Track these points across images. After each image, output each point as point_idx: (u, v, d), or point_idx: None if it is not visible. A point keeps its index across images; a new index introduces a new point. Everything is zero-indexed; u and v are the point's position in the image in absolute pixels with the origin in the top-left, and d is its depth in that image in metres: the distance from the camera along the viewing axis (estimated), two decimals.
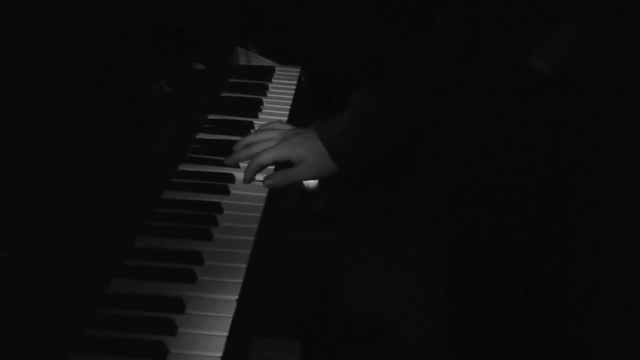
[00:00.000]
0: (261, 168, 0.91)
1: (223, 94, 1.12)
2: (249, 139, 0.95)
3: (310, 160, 0.90)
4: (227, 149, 0.95)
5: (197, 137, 0.99)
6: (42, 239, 0.61)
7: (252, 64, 1.25)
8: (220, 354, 0.62)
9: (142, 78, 0.91)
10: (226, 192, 0.87)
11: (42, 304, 0.59)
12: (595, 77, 0.78)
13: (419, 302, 1.00)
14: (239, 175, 0.91)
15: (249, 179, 0.89)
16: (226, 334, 0.64)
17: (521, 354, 0.96)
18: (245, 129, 1.01)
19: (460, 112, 0.89)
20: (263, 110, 1.09)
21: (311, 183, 1.34)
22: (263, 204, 0.85)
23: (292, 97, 1.15)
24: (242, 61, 1.26)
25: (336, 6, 1.20)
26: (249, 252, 0.76)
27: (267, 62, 1.26)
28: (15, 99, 0.65)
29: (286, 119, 1.06)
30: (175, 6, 1.10)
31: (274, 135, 0.95)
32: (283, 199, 1.31)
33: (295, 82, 1.20)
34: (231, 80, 1.17)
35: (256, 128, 1.02)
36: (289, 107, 1.11)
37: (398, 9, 1.15)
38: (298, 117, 1.13)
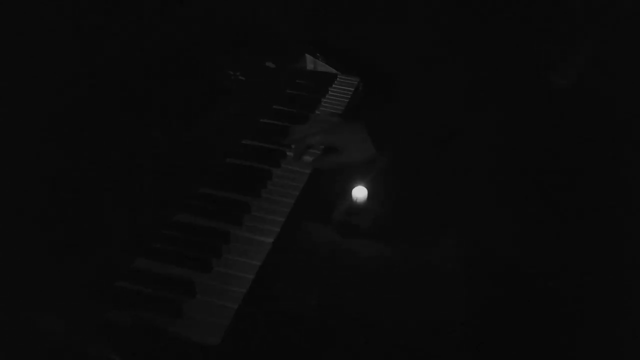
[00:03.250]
0: (308, 148, 1.07)
1: (288, 91, 1.31)
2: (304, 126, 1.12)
3: (352, 146, 1.05)
4: (281, 132, 1.13)
5: (260, 120, 1.17)
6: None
7: (318, 69, 1.43)
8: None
9: (221, 66, 1.11)
10: (277, 165, 1.04)
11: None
12: (607, 91, 0.89)
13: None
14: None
15: (297, 156, 1.06)
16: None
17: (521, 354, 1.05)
18: (301, 120, 1.18)
19: (485, 119, 1.02)
20: (320, 108, 1.26)
21: (360, 197, 1.46)
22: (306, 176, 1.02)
23: (347, 100, 1.31)
24: (309, 67, 1.44)
25: (394, 25, 1.35)
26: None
27: (330, 70, 1.43)
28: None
29: (337, 115, 1.23)
30: (260, 13, 1.30)
31: (326, 125, 1.11)
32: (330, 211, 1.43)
33: (353, 89, 1.36)
34: (297, 80, 1.35)
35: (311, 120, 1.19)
36: (344, 108, 1.28)
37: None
38: (350, 119, 1.29)
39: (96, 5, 0.84)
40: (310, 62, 1.45)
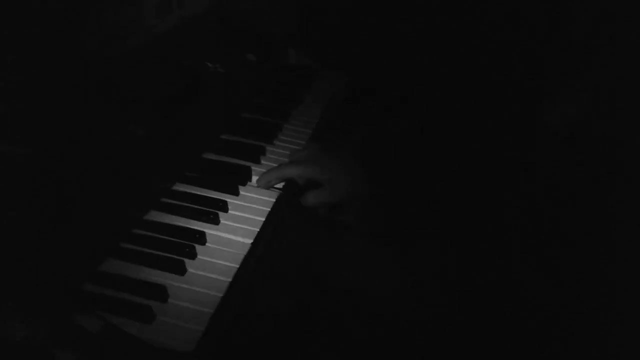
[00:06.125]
0: (281, 179, 0.94)
1: (270, 84, 1.27)
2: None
3: (339, 181, 0.94)
4: (262, 128, 1.10)
5: (240, 114, 1.13)
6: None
7: (301, 63, 1.39)
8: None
9: (200, 58, 1.07)
10: (257, 161, 1.00)
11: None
12: (606, 131, 0.85)
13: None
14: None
15: (264, 184, 0.93)
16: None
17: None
18: (283, 117, 1.15)
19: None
20: (302, 104, 1.22)
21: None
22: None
23: (331, 96, 1.28)
24: (293, 60, 1.40)
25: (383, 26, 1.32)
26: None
27: (315, 65, 1.40)
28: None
29: (320, 112, 1.20)
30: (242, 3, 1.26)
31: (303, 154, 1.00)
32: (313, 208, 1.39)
33: (337, 86, 1.33)
34: (280, 74, 1.31)
35: (293, 116, 1.15)
36: (327, 103, 1.25)
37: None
38: (333, 116, 1.26)
39: None
40: (294, 56, 1.41)
